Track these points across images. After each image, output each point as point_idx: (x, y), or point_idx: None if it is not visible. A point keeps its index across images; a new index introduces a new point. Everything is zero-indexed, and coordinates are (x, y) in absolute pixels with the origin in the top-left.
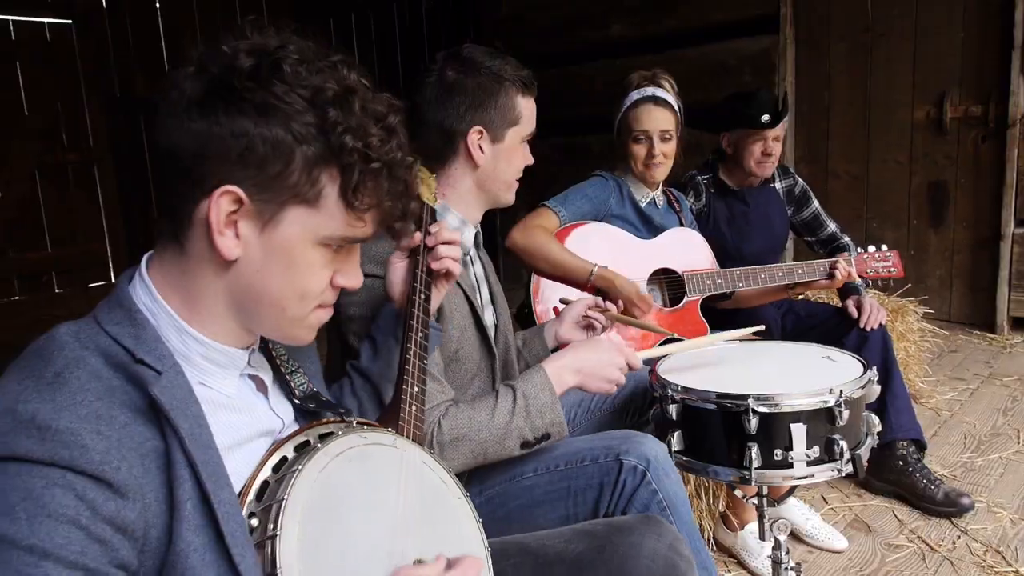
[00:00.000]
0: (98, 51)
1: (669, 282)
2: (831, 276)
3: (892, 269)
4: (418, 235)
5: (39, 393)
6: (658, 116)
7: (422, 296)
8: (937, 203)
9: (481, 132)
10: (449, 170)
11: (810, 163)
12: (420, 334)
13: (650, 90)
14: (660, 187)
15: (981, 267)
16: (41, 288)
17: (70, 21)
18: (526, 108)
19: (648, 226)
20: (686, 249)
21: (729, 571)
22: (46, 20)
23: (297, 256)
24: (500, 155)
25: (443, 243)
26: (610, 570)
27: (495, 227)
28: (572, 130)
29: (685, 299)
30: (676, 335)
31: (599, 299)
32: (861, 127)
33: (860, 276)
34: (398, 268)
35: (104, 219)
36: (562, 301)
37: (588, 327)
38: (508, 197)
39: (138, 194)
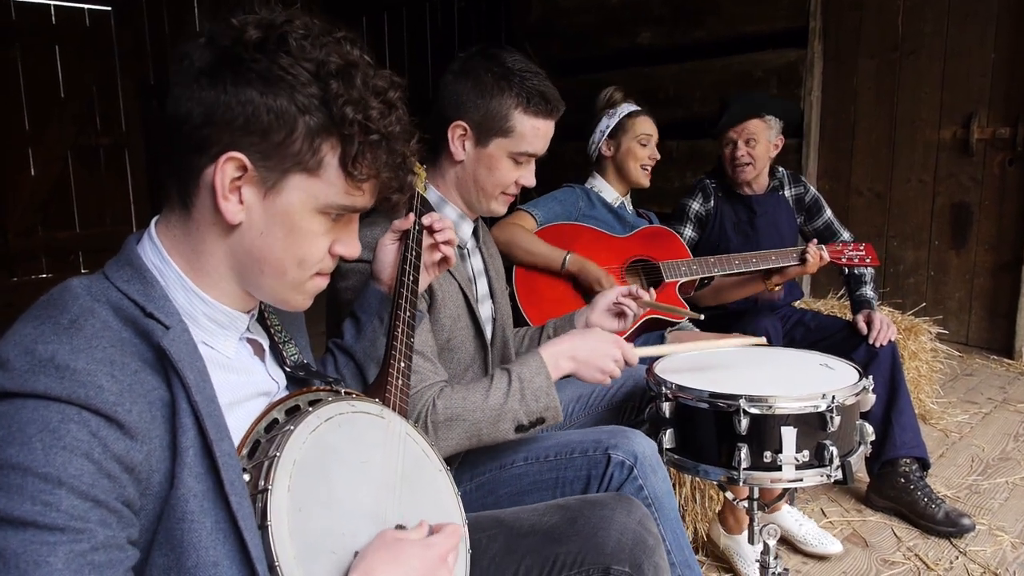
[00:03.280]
0: (135, 38)
1: (646, 270)
2: (803, 261)
3: (867, 259)
4: (411, 217)
5: (57, 336)
6: (655, 126)
7: (411, 278)
8: (960, 225)
9: (465, 129)
10: (439, 159)
11: (832, 179)
12: (408, 313)
13: (635, 106)
14: (628, 195)
15: (1002, 291)
16: (68, 267)
17: (109, 8)
18: (524, 126)
19: (622, 223)
20: (662, 242)
21: None
22: (86, 6)
23: (297, 222)
24: (481, 160)
25: (445, 228)
26: (582, 540)
27: None
28: None
29: (663, 283)
30: (700, 317)
31: (632, 287)
32: (886, 145)
33: (834, 262)
34: (389, 250)
35: (132, 202)
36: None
37: (619, 314)
38: (487, 205)
39: None
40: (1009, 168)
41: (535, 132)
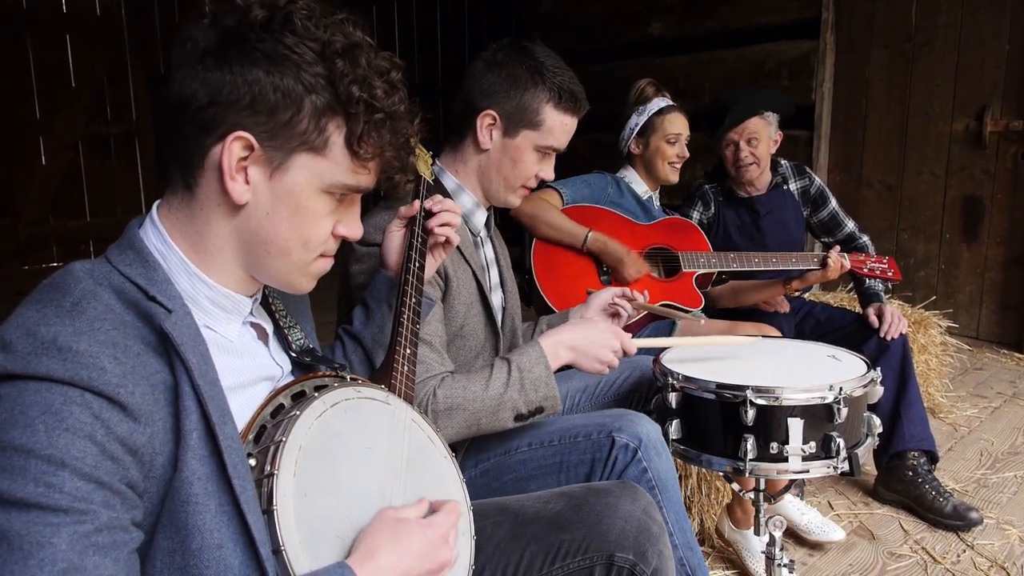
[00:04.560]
0: (145, 27)
1: (665, 258)
2: (824, 265)
3: (889, 272)
4: (416, 203)
5: (59, 318)
6: (685, 123)
7: (417, 264)
8: (971, 218)
9: (494, 118)
10: (461, 146)
11: (843, 171)
12: (413, 299)
13: (668, 100)
14: (657, 191)
15: (1013, 285)
16: (78, 256)
17: None
18: (553, 121)
19: (647, 215)
20: (684, 234)
21: (726, 572)
22: None
23: (303, 202)
24: (507, 150)
25: (444, 211)
26: (586, 528)
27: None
28: (605, 127)
29: (680, 273)
30: (701, 313)
31: (626, 289)
32: (898, 137)
33: (855, 270)
34: (395, 236)
35: (143, 191)
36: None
37: (614, 315)
38: (506, 197)
39: None
40: (1022, 161)
41: (562, 127)
